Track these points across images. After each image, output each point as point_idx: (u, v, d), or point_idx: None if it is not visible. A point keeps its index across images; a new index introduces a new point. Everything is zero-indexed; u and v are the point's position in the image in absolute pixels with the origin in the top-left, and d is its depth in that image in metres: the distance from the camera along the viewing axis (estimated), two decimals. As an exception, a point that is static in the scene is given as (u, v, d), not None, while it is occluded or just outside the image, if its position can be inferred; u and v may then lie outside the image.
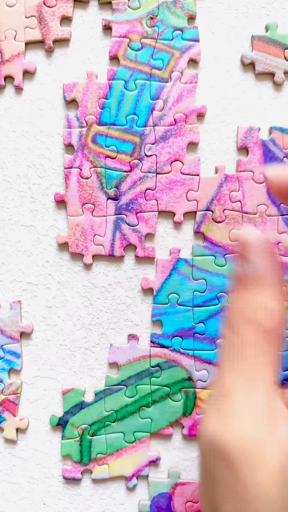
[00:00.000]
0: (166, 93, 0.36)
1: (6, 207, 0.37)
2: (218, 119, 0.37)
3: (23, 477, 0.37)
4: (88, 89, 0.36)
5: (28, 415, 0.37)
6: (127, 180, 0.36)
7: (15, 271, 0.37)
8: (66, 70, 0.37)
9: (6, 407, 0.37)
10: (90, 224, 0.36)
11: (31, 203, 0.37)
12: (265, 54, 0.36)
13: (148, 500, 0.37)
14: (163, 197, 0.36)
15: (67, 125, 0.36)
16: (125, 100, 0.36)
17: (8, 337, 0.37)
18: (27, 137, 0.37)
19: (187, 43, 0.36)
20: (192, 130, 0.36)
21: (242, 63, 0.37)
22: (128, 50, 0.36)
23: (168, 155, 0.36)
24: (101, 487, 0.37)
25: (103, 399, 0.36)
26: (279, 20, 0.37)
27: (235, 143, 0.37)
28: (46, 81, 0.37)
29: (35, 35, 0.36)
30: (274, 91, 0.37)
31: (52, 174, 0.37)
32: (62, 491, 0.37)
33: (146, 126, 0.36)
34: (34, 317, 0.37)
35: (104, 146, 0.36)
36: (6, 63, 0.36)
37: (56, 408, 0.37)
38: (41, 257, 0.37)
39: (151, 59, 0.36)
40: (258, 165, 0.36)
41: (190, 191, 0.36)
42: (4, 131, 0.37)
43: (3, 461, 0.37)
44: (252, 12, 0.37)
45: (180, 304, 0.36)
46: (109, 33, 0.37)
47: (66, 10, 0.36)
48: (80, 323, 0.37)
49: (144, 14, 0.36)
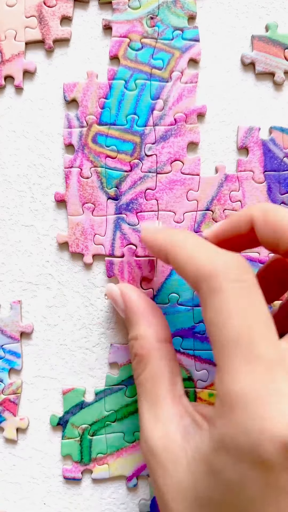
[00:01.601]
0: (166, 93, 0.36)
1: (6, 207, 0.37)
2: (218, 119, 0.37)
3: (23, 476, 0.37)
4: (88, 89, 0.36)
5: (29, 415, 0.37)
6: (127, 180, 0.36)
7: (15, 271, 0.37)
8: (66, 70, 0.37)
9: (6, 407, 0.37)
10: (90, 223, 0.36)
11: (31, 202, 0.37)
12: (265, 54, 0.36)
13: (148, 499, 0.37)
14: (163, 197, 0.36)
15: (68, 125, 0.36)
16: (125, 100, 0.36)
17: (8, 337, 0.37)
18: (27, 137, 0.37)
19: (187, 43, 0.36)
20: (192, 130, 0.36)
21: (242, 63, 0.37)
22: (128, 50, 0.36)
23: (168, 155, 0.36)
24: (101, 487, 0.37)
25: (103, 399, 0.36)
26: (279, 20, 0.37)
27: (235, 143, 0.37)
28: (46, 81, 0.37)
29: (35, 35, 0.36)
30: (274, 91, 0.37)
31: (52, 174, 0.37)
32: (62, 491, 0.37)
33: (146, 126, 0.36)
34: (34, 317, 0.37)
35: (105, 146, 0.36)
36: (6, 63, 0.36)
37: (56, 408, 0.37)
38: (41, 257, 0.37)
39: (151, 59, 0.36)
40: (258, 165, 0.36)
41: (190, 191, 0.36)
42: (4, 131, 0.37)
43: (3, 461, 0.37)
44: (252, 12, 0.37)
45: (180, 304, 0.36)
46: (109, 33, 0.37)
47: (66, 10, 0.36)
48: (81, 323, 0.37)
49: (144, 14, 0.36)
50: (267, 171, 0.36)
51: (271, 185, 0.36)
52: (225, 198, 0.36)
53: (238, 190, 0.36)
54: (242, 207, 0.36)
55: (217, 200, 0.36)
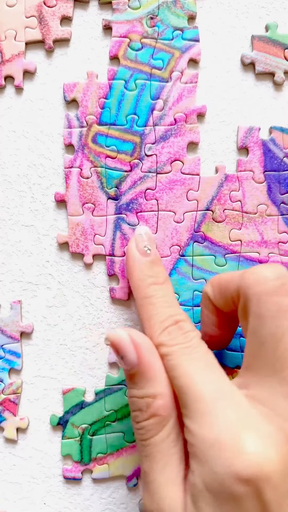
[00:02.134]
0: (166, 93, 0.36)
1: (6, 207, 0.37)
2: (218, 119, 0.37)
3: (23, 476, 0.37)
4: (88, 89, 0.36)
5: (29, 414, 0.37)
6: (127, 180, 0.36)
7: (16, 271, 0.37)
8: (66, 70, 0.37)
9: (6, 406, 0.37)
10: (90, 223, 0.36)
11: (31, 203, 0.37)
12: (265, 54, 0.36)
13: (148, 499, 0.37)
14: (163, 197, 0.36)
15: (68, 125, 0.36)
16: (125, 100, 0.36)
17: (9, 337, 0.37)
18: (27, 137, 0.37)
19: (187, 43, 0.36)
20: (192, 130, 0.36)
21: (242, 63, 0.37)
22: (128, 50, 0.36)
23: (168, 155, 0.36)
24: (101, 486, 0.37)
25: (103, 398, 0.36)
26: (279, 20, 0.37)
27: (235, 143, 0.37)
28: (46, 81, 0.37)
29: (35, 35, 0.36)
30: (274, 91, 0.37)
31: (53, 174, 0.37)
32: (63, 491, 0.37)
33: (146, 126, 0.36)
34: (34, 316, 0.37)
35: (104, 146, 0.36)
36: (7, 63, 0.36)
37: (57, 408, 0.37)
38: (41, 257, 0.37)
39: (151, 59, 0.36)
40: (258, 164, 0.36)
41: (190, 191, 0.36)
42: (4, 131, 0.37)
43: (4, 461, 0.37)
44: (252, 12, 0.37)
45: (180, 304, 0.36)
46: (109, 33, 0.37)
47: (66, 10, 0.36)
48: (81, 322, 0.37)
49: (144, 14, 0.36)
50: (267, 171, 0.36)
51: (271, 185, 0.36)
52: (225, 198, 0.36)
53: (238, 190, 0.36)
54: (242, 207, 0.36)
55: (217, 200, 0.36)
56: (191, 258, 0.36)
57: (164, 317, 0.30)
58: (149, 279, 0.31)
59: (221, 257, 0.36)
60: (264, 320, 0.26)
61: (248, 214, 0.36)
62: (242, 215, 0.36)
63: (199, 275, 0.36)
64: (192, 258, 0.36)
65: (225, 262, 0.36)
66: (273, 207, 0.36)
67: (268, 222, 0.36)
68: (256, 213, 0.36)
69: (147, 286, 0.31)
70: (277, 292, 0.27)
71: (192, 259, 0.36)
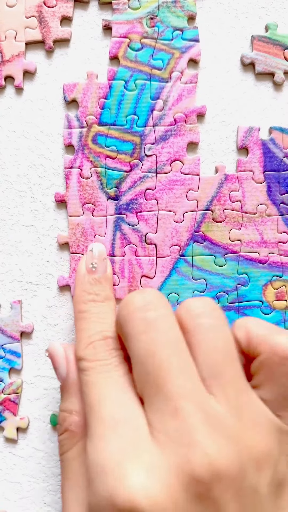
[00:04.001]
0: (166, 93, 0.36)
1: (6, 207, 0.37)
2: (218, 119, 0.37)
3: (24, 476, 0.37)
4: (88, 89, 0.36)
5: (29, 414, 0.37)
6: (127, 180, 0.36)
7: (16, 271, 0.37)
8: (66, 70, 0.37)
9: (6, 406, 0.37)
10: (90, 224, 0.36)
11: (31, 203, 0.37)
12: (265, 54, 0.36)
13: (148, 499, 0.37)
14: (163, 197, 0.36)
15: (67, 125, 0.36)
16: (125, 100, 0.36)
17: (9, 337, 0.37)
18: (27, 137, 0.37)
19: (187, 43, 0.36)
20: (192, 130, 0.36)
21: (242, 63, 0.37)
22: (128, 50, 0.36)
23: (168, 155, 0.36)
24: (101, 486, 0.37)
25: (103, 398, 0.36)
26: (279, 20, 0.37)
27: (235, 143, 0.37)
28: (46, 81, 0.37)
29: (35, 35, 0.36)
30: (274, 91, 0.37)
31: (53, 174, 0.37)
32: (63, 490, 0.37)
33: (146, 126, 0.36)
34: (34, 316, 0.37)
35: (104, 146, 0.36)
36: (7, 63, 0.37)
37: (57, 408, 0.37)
38: (42, 257, 0.37)
39: (151, 59, 0.36)
40: (258, 165, 0.36)
41: (190, 191, 0.36)
42: (4, 131, 0.37)
43: (4, 460, 0.37)
44: (252, 12, 0.37)
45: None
46: (109, 33, 0.37)
47: (66, 10, 0.36)
48: (81, 322, 0.37)
49: (144, 14, 0.36)
50: (267, 171, 0.36)
51: (271, 185, 0.36)
52: (225, 198, 0.36)
53: (238, 190, 0.36)
54: (242, 207, 0.36)
55: (217, 200, 0.36)
56: (191, 258, 0.36)
57: (93, 332, 0.30)
58: (88, 296, 0.31)
59: (221, 257, 0.36)
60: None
61: (248, 214, 0.36)
62: (242, 215, 0.36)
63: (199, 275, 0.36)
64: (192, 258, 0.36)
65: (225, 262, 0.36)
66: (273, 207, 0.36)
67: (268, 222, 0.36)
68: (255, 213, 0.36)
69: (84, 302, 0.31)
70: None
71: (192, 259, 0.36)
